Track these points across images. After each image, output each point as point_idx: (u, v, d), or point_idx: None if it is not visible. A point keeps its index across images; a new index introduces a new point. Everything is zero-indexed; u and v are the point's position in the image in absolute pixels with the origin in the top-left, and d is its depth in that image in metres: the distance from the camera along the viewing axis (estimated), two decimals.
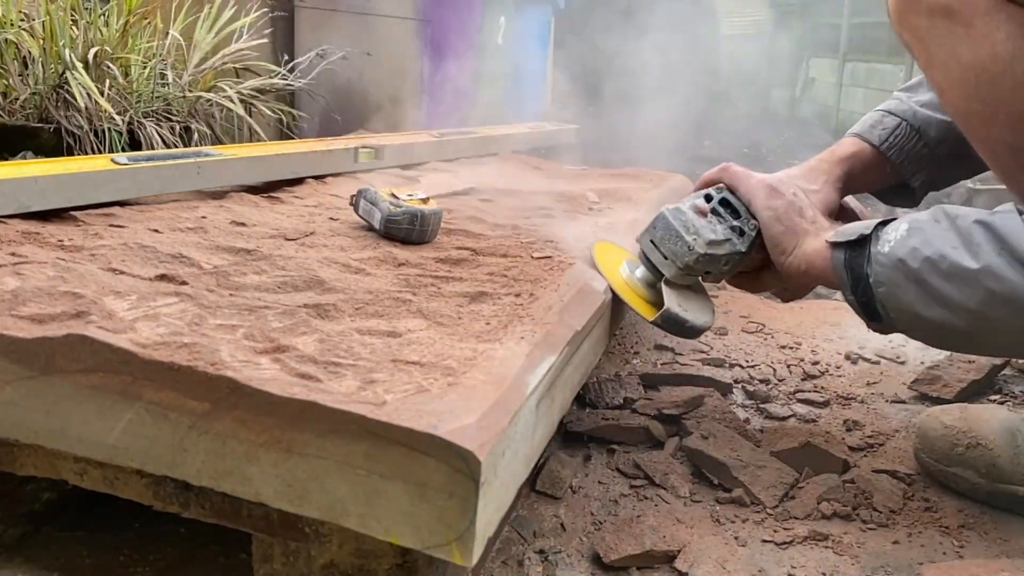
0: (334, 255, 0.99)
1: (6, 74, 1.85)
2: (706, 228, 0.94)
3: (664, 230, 0.95)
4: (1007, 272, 0.74)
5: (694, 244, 0.93)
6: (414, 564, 0.63)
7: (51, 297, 0.72)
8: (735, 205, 0.97)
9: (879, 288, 0.83)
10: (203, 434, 0.60)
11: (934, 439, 0.97)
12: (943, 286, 0.78)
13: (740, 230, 0.95)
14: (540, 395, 0.70)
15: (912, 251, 0.80)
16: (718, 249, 0.94)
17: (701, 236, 0.94)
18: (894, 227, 0.83)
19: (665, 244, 0.95)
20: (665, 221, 0.96)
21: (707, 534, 0.85)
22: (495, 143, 2.08)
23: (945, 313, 0.79)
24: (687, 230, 0.94)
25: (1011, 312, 0.76)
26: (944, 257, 0.78)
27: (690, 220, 0.95)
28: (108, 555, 0.76)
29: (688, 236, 0.94)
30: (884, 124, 1.04)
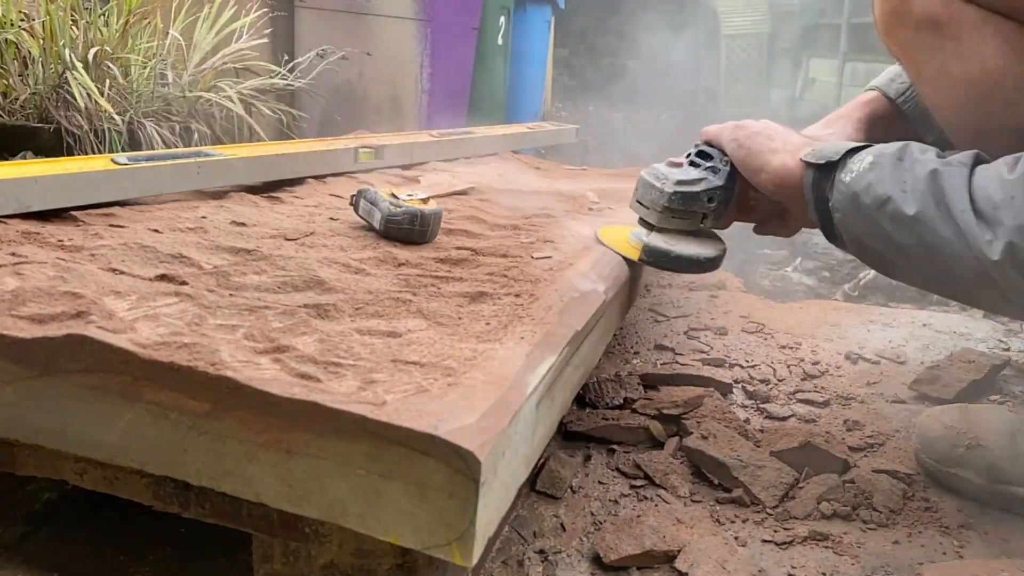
0: (334, 255, 0.99)
1: (6, 74, 1.85)
2: (677, 173, 1.01)
3: (641, 187, 1.03)
4: (938, 225, 0.75)
5: (663, 186, 1.00)
6: (414, 564, 0.63)
7: (51, 297, 0.72)
8: (710, 152, 1.01)
9: (835, 213, 0.84)
10: (203, 434, 0.60)
11: (934, 439, 0.97)
12: (887, 225, 0.79)
13: (714, 168, 1.00)
14: (540, 395, 0.70)
15: (867, 187, 0.81)
16: (691, 187, 0.99)
17: (670, 179, 1.00)
18: (860, 156, 0.84)
19: (644, 197, 1.03)
20: (641, 179, 1.03)
21: (707, 534, 0.85)
22: (495, 143, 2.07)
23: (884, 248, 0.80)
24: (657, 179, 1.01)
25: (932, 260, 0.77)
26: (891, 200, 0.78)
27: (661, 170, 1.02)
28: (108, 555, 0.76)
29: (658, 183, 1.01)
30: (903, 77, 1.03)
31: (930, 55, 0.79)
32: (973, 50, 0.75)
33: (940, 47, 0.78)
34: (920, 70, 0.82)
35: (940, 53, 0.78)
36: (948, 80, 0.79)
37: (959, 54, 0.77)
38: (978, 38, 0.75)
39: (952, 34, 0.77)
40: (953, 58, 0.77)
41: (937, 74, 0.80)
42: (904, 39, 0.82)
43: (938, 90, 0.81)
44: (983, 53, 0.75)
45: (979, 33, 0.75)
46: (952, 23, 0.76)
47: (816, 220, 0.88)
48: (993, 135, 0.78)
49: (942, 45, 0.78)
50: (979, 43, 0.75)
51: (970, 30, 0.75)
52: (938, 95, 0.82)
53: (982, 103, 0.77)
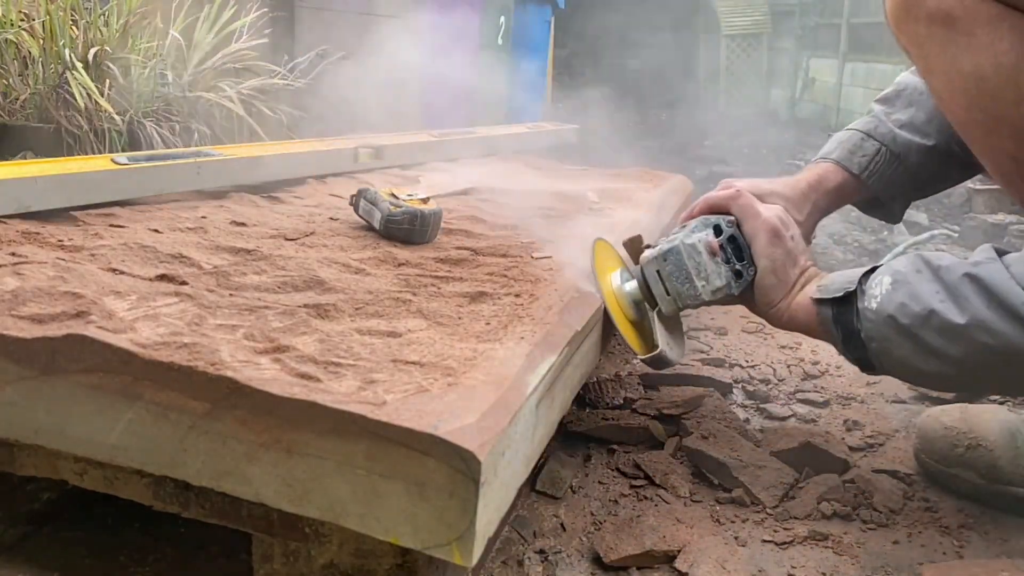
0: (334, 255, 0.99)
1: (6, 74, 1.85)
2: (715, 275, 0.93)
3: (675, 267, 0.93)
4: (1000, 325, 0.74)
5: (703, 291, 0.92)
6: (414, 564, 0.63)
7: (51, 297, 0.72)
8: (740, 244, 0.95)
9: (871, 343, 0.83)
10: (203, 434, 0.60)
11: (934, 439, 0.97)
12: (935, 340, 0.78)
13: (740, 274, 0.94)
14: (540, 395, 0.70)
15: (900, 307, 0.79)
16: (717, 295, 0.93)
17: (710, 283, 0.92)
18: (877, 281, 0.83)
19: (671, 281, 0.93)
20: (679, 258, 0.93)
21: (707, 534, 0.85)
22: (495, 143, 2.08)
23: (939, 364, 0.79)
24: (698, 274, 0.92)
25: (1005, 363, 0.76)
26: (933, 312, 0.77)
27: (703, 263, 0.93)
28: (108, 555, 0.76)
29: (699, 281, 0.92)
30: (864, 150, 1.03)
31: (941, 50, 0.78)
32: (987, 46, 0.74)
33: (952, 41, 0.77)
34: (931, 65, 0.81)
35: (952, 48, 0.77)
36: (960, 75, 0.77)
37: (972, 49, 0.75)
38: (992, 33, 0.74)
39: (965, 29, 0.75)
40: (966, 53, 0.76)
41: (948, 68, 0.78)
42: (915, 33, 0.80)
43: (948, 86, 0.80)
44: (997, 49, 0.73)
45: (993, 28, 0.73)
46: (966, 18, 0.75)
47: (849, 357, 0.88)
48: (1004, 132, 0.77)
49: (954, 40, 0.76)
50: (993, 39, 0.74)
51: (984, 25, 0.74)
52: (948, 91, 0.80)
53: (994, 98, 0.75)
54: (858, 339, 0.84)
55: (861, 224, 2.58)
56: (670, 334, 0.98)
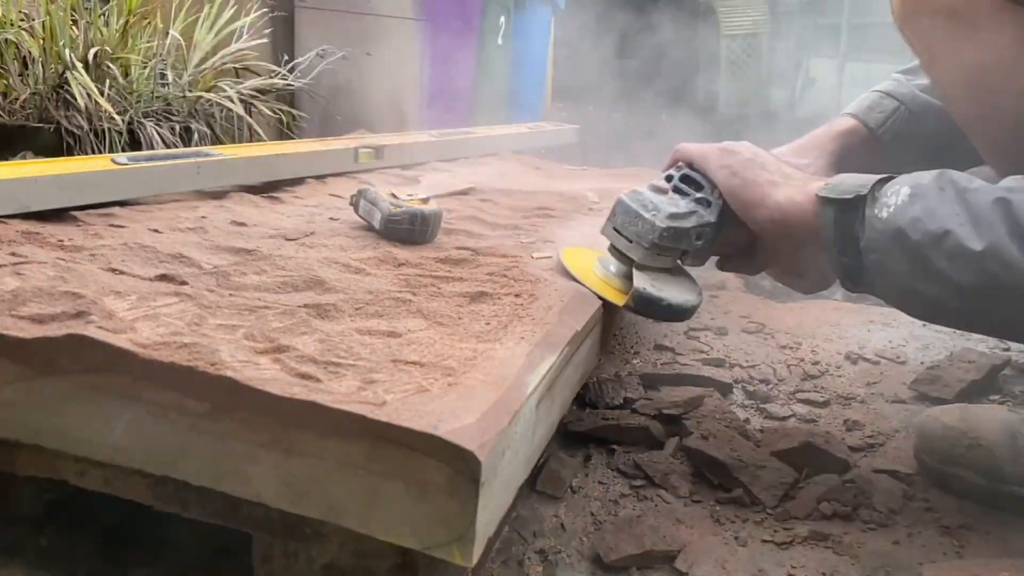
0: (334, 255, 0.99)
1: (6, 74, 1.85)
2: (666, 203, 0.90)
3: (623, 214, 0.92)
4: (1017, 257, 0.68)
5: (655, 219, 0.89)
6: (414, 564, 0.63)
7: (51, 297, 0.72)
8: (697, 179, 0.92)
9: (870, 255, 0.77)
10: (203, 434, 0.60)
11: (934, 439, 0.97)
12: (943, 263, 0.71)
13: (705, 201, 0.91)
14: (540, 395, 0.70)
15: (913, 221, 0.73)
16: (683, 222, 0.89)
17: (661, 211, 0.89)
18: (894, 189, 0.76)
19: (627, 228, 0.91)
20: (623, 205, 0.92)
21: (707, 534, 0.85)
22: (495, 143, 2.08)
23: (939, 290, 0.73)
24: (646, 208, 0.90)
25: (1011, 299, 0.70)
26: (949, 233, 0.71)
27: (648, 198, 0.91)
28: (108, 555, 0.76)
29: (647, 213, 0.90)
30: (882, 106, 1.00)
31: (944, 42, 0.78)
32: (989, 39, 0.74)
33: (955, 34, 0.77)
34: (934, 57, 0.81)
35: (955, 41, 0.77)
36: (962, 68, 0.77)
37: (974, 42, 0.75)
38: (995, 27, 0.74)
39: (969, 22, 0.75)
40: (968, 46, 0.76)
41: (951, 61, 0.78)
42: (920, 26, 0.80)
43: (951, 79, 0.80)
44: (998, 43, 0.74)
45: (995, 21, 0.74)
46: (969, 11, 0.75)
47: (837, 263, 0.81)
48: (1005, 124, 0.77)
49: (957, 33, 0.76)
50: (995, 32, 0.74)
51: (987, 19, 0.74)
52: (951, 83, 0.81)
53: (995, 92, 0.76)
54: (855, 247, 0.78)
55: None
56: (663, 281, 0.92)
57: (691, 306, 0.92)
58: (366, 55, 2.61)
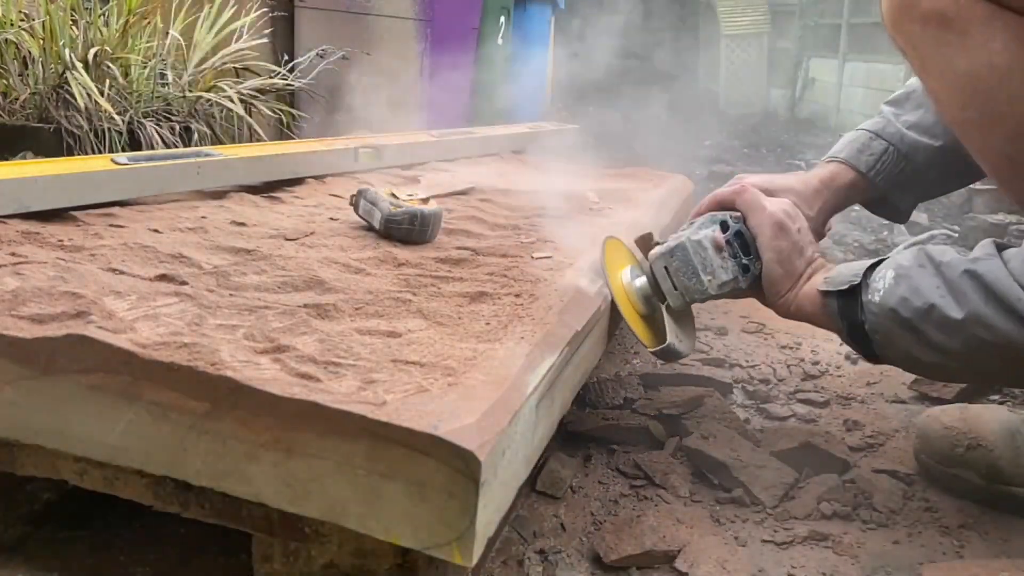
0: (334, 255, 0.99)
1: (6, 74, 1.85)
2: (721, 269, 0.95)
3: (682, 262, 0.94)
4: (997, 321, 0.76)
5: (708, 285, 0.94)
6: (414, 564, 0.63)
7: (51, 297, 0.72)
8: (747, 238, 0.97)
9: (875, 335, 0.85)
10: (203, 434, 0.60)
11: (934, 439, 0.97)
12: (935, 334, 0.80)
13: (746, 268, 0.96)
14: (540, 395, 0.70)
15: (902, 301, 0.81)
16: (724, 289, 0.95)
17: (716, 278, 0.94)
18: (880, 275, 0.85)
19: (679, 276, 0.94)
20: (685, 254, 0.94)
21: (707, 534, 0.85)
22: (495, 143, 2.07)
23: (940, 357, 0.81)
24: (704, 269, 0.94)
25: (1003, 357, 0.78)
26: (933, 307, 0.79)
27: (709, 259, 0.94)
28: (108, 555, 0.76)
29: (704, 276, 0.94)
30: (871, 149, 1.04)
31: (936, 50, 0.78)
32: (980, 46, 0.74)
33: (947, 42, 0.77)
34: (926, 64, 0.81)
35: (947, 48, 0.77)
36: (953, 75, 0.77)
37: (966, 49, 0.75)
38: (986, 33, 0.74)
39: (959, 29, 0.75)
40: (960, 53, 0.76)
41: (943, 68, 0.79)
42: (911, 33, 0.80)
43: (944, 85, 0.80)
44: (990, 49, 0.74)
45: (987, 28, 0.74)
46: (960, 18, 0.75)
47: (852, 346, 0.90)
48: (998, 131, 0.77)
49: (949, 40, 0.77)
50: (987, 38, 0.74)
51: (978, 25, 0.74)
52: (943, 91, 0.81)
53: (988, 98, 0.76)
54: (862, 331, 0.86)
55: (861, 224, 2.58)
56: (680, 327, 0.99)
57: (691, 352, 1.02)
58: (366, 55, 2.61)
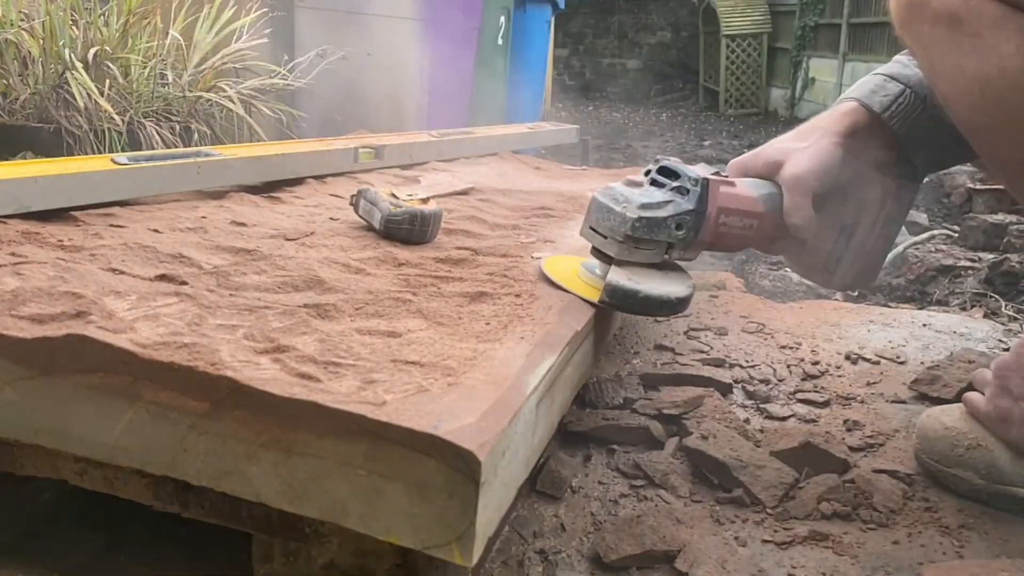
0: (334, 255, 0.99)
1: (6, 74, 1.85)
2: (638, 194, 0.88)
3: (597, 211, 0.89)
4: None
5: (625, 211, 0.86)
6: (414, 564, 0.63)
7: (51, 297, 0.72)
8: (675, 169, 0.90)
9: None
10: (203, 434, 0.60)
11: (934, 440, 0.97)
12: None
13: (683, 189, 0.88)
14: (540, 395, 0.70)
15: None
16: (657, 211, 0.86)
17: (632, 202, 0.87)
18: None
19: (601, 224, 0.88)
20: (596, 201, 0.89)
21: (707, 534, 0.85)
22: (495, 143, 2.08)
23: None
24: (616, 201, 0.87)
25: None
26: None
27: (619, 191, 0.89)
28: (108, 555, 0.76)
29: (618, 206, 0.87)
30: (886, 90, 0.95)
31: (946, 51, 0.76)
32: (992, 48, 0.72)
33: (957, 43, 0.75)
34: (935, 66, 0.79)
35: (957, 49, 0.75)
36: (964, 77, 0.75)
37: (977, 51, 0.73)
38: (998, 35, 0.72)
39: (970, 30, 0.74)
40: (970, 55, 0.74)
41: (953, 71, 0.77)
42: (920, 34, 0.79)
43: (953, 87, 0.78)
44: (1002, 51, 0.72)
45: (999, 30, 0.72)
46: (971, 19, 0.73)
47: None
48: (1009, 136, 0.75)
49: (959, 41, 0.75)
50: (998, 40, 0.72)
51: (989, 27, 0.72)
52: (953, 92, 0.78)
53: (999, 101, 0.74)
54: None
55: None
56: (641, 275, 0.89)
57: (675, 298, 0.88)
58: (366, 55, 2.61)
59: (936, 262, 2.16)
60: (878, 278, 0.97)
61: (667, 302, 0.88)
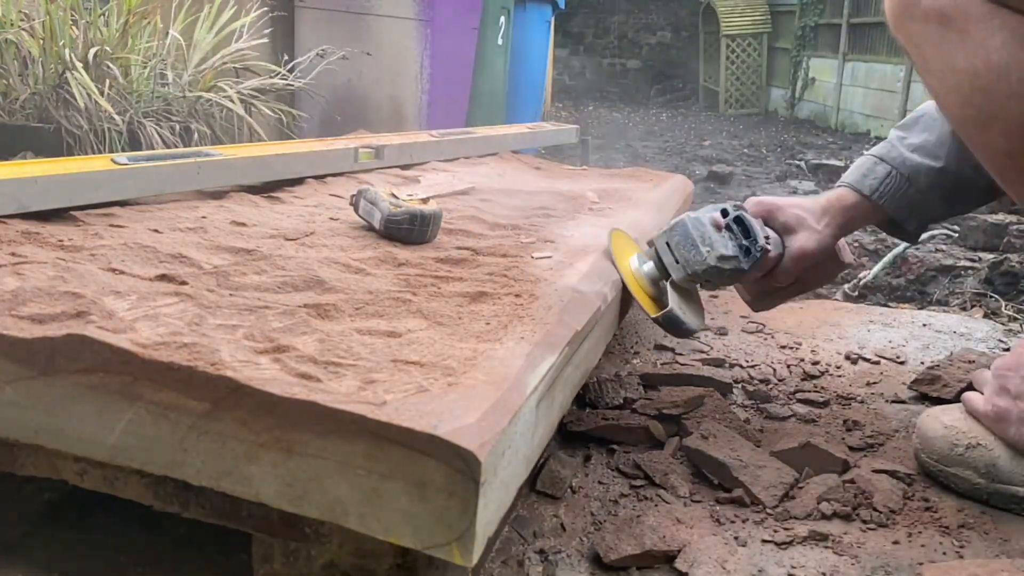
0: (334, 255, 0.99)
1: (6, 74, 1.85)
2: (720, 243, 1.00)
3: (682, 236, 1.01)
4: None
5: (707, 256, 0.99)
6: (414, 564, 0.63)
7: (51, 297, 0.72)
8: (747, 224, 1.01)
9: None
10: (203, 434, 0.60)
11: (934, 439, 0.97)
12: None
13: (747, 250, 1.00)
14: (540, 395, 0.70)
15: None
16: (725, 264, 0.99)
17: (714, 250, 0.99)
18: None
19: (680, 250, 1.01)
20: (684, 228, 1.01)
21: (707, 534, 0.85)
22: (495, 143, 2.07)
23: None
24: (703, 241, 1.00)
25: None
26: None
27: (708, 233, 1.00)
28: (108, 555, 0.76)
29: (703, 247, 1.00)
30: (875, 173, 1.07)
31: (936, 48, 0.79)
32: (979, 43, 0.75)
33: (947, 39, 0.78)
34: (927, 63, 0.82)
35: (947, 45, 0.78)
36: (953, 72, 0.78)
37: (965, 47, 0.76)
38: (985, 31, 0.75)
39: (959, 27, 0.76)
40: (959, 51, 0.77)
41: (943, 66, 0.79)
42: (912, 31, 0.82)
43: (944, 83, 0.81)
44: (988, 46, 0.74)
45: (985, 26, 0.75)
46: (959, 16, 0.76)
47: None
48: (997, 129, 0.77)
49: (949, 38, 0.78)
50: (985, 36, 0.75)
51: (977, 23, 0.75)
52: (944, 88, 0.81)
53: (987, 95, 0.76)
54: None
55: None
56: (687, 306, 1.05)
57: (699, 329, 1.09)
58: (366, 55, 2.61)
59: (936, 262, 2.16)
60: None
61: (693, 331, 1.07)
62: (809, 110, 8.02)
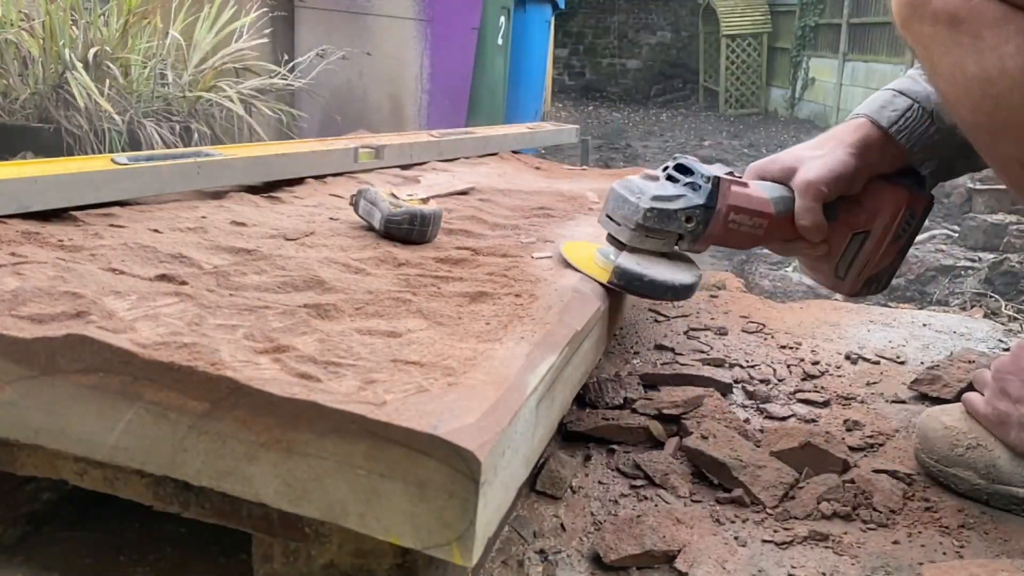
0: (334, 255, 0.99)
1: (6, 74, 1.85)
2: (652, 186, 0.93)
3: (613, 200, 0.95)
4: None
5: (639, 201, 0.92)
6: (414, 564, 0.63)
7: (51, 297, 0.72)
8: (689, 166, 0.95)
9: None
10: (203, 434, 0.60)
11: (934, 439, 0.97)
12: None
13: (695, 185, 0.93)
14: (540, 395, 0.70)
15: None
16: (670, 203, 0.92)
17: (646, 193, 0.93)
18: None
19: (616, 212, 0.95)
20: (613, 191, 0.95)
21: (707, 534, 0.85)
22: (494, 143, 2.07)
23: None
24: (632, 192, 0.93)
25: None
26: None
27: (636, 183, 0.94)
28: (108, 555, 0.76)
29: (633, 196, 0.93)
30: (895, 105, 0.97)
31: (947, 51, 0.76)
32: (992, 48, 0.72)
33: (958, 43, 0.74)
34: (936, 66, 0.79)
35: (958, 49, 0.74)
36: (964, 78, 0.75)
37: (977, 52, 0.73)
38: (999, 36, 0.71)
39: (971, 30, 0.73)
40: (971, 55, 0.73)
41: (953, 71, 0.76)
42: (921, 33, 0.78)
43: (954, 88, 0.77)
44: (1003, 52, 0.71)
45: (1000, 31, 0.71)
46: (971, 19, 0.73)
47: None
48: (1010, 136, 0.75)
49: (960, 41, 0.74)
50: (999, 41, 0.71)
51: (990, 27, 0.72)
52: (954, 93, 0.78)
53: (999, 102, 0.73)
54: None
55: None
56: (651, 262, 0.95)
57: (679, 284, 0.94)
58: (366, 55, 2.61)
59: (936, 262, 2.16)
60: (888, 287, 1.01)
61: (671, 287, 0.94)
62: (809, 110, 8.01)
